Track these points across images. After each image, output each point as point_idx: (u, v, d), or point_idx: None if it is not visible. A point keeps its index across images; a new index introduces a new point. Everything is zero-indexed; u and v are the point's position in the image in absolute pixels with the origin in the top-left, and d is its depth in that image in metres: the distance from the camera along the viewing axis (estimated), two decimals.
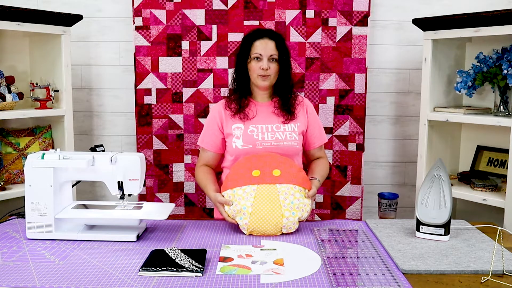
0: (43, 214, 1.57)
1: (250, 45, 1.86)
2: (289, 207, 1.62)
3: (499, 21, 2.10)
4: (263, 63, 1.83)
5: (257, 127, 1.87)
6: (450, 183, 1.58)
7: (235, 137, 1.87)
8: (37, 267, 1.35)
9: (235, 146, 1.86)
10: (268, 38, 1.86)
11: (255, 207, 1.60)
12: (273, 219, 1.59)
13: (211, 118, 1.96)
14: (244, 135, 1.86)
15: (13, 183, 2.47)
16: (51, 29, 2.37)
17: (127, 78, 2.79)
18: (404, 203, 2.84)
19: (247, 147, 1.84)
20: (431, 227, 1.57)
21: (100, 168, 1.60)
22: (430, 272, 1.33)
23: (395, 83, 2.81)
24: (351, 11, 2.62)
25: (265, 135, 1.85)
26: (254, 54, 1.84)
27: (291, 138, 1.86)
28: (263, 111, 1.91)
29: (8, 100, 2.34)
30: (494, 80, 2.30)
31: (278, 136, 1.85)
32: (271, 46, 1.84)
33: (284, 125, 1.88)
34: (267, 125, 1.87)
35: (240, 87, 1.92)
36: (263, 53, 1.83)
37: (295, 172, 1.70)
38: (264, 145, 1.83)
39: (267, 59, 1.83)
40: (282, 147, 1.84)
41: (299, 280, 1.28)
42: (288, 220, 1.60)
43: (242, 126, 1.88)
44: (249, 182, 1.65)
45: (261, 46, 1.84)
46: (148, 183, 2.74)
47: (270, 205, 1.61)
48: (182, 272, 1.31)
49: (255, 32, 1.90)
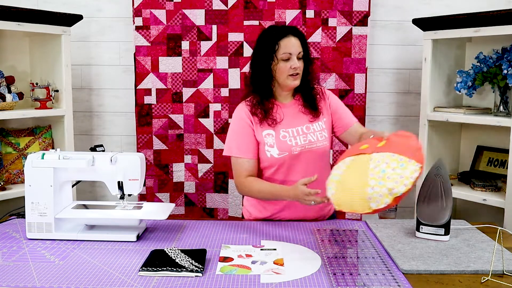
0: (43, 214, 1.57)
1: (275, 45, 1.73)
2: (377, 175, 1.34)
3: (499, 21, 2.10)
4: (294, 62, 1.72)
5: (288, 131, 1.78)
6: (450, 183, 1.58)
7: (268, 145, 1.77)
8: (37, 267, 1.35)
9: (271, 155, 1.76)
10: (292, 35, 1.74)
11: (343, 176, 1.40)
12: (357, 189, 1.34)
13: (242, 124, 1.80)
14: (278, 142, 1.76)
15: (13, 183, 2.47)
16: (51, 29, 2.37)
17: (127, 78, 2.79)
18: (404, 203, 2.84)
19: (284, 155, 1.75)
20: (431, 227, 1.57)
21: (100, 168, 1.60)
22: (430, 272, 1.33)
23: (395, 83, 2.81)
24: (351, 11, 2.62)
25: (297, 139, 1.77)
26: (282, 54, 1.72)
27: (322, 138, 1.79)
28: (289, 113, 1.82)
29: (8, 100, 2.34)
30: (494, 80, 2.30)
31: (311, 138, 1.78)
32: (297, 43, 1.74)
33: (312, 125, 1.81)
34: (297, 127, 1.79)
35: (262, 90, 1.79)
36: (292, 52, 1.72)
37: (403, 143, 1.42)
38: (299, 149, 1.76)
39: (296, 57, 1.73)
40: (316, 149, 1.78)
41: (299, 280, 1.28)
42: (374, 191, 1.31)
43: (272, 132, 1.78)
44: (351, 154, 1.46)
45: (289, 45, 1.72)
46: (148, 183, 2.74)
47: (357, 173, 1.38)
48: (182, 272, 1.31)
49: (276, 31, 1.76)
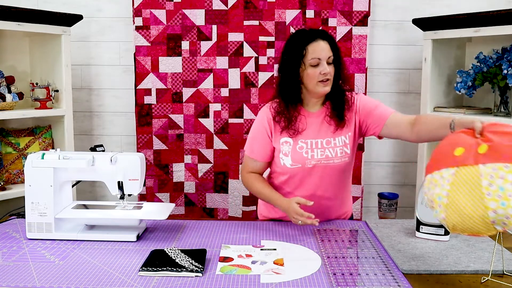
0: (43, 214, 1.57)
1: (302, 50, 1.65)
2: (495, 195, 1.16)
3: (499, 21, 2.10)
4: (323, 68, 1.64)
5: (307, 143, 1.71)
6: None
7: (283, 153, 1.73)
8: (37, 267, 1.35)
9: (283, 163, 1.73)
10: (320, 39, 1.66)
11: (452, 197, 1.21)
12: (475, 212, 1.18)
13: (260, 127, 1.78)
14: (293, 152, 1.72)
15: (13, 183, 2.47)
16: (51, 29, 2.37)
17: (127, 78, 2.79)
18: (404, 203, 2.84)
19: (296, 166, 1.72)
20: (431, 227, 1.57)
21: (100, 168, 1.60)
22: (430, 272, 1.33)
23: (395, 83, 2.81)
24: (351, 11, 2.62)
25: (314, 152, 1.71)
26: (310, 60, 1.64)
27: (341, 154, 1.72)
28: (313, 123, 1.74)
29: (8, 100, 2.34)
30: (494, 80, 2.30)
31: (328, 154, 1.71)
32: (326, 47, 1.66)
33: (334, 139, 1.72)
34: (317, 140, 1.72)
35: (289, 97, 1.72)
36: (322, 57, 1.64)
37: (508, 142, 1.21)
38: (313, 163, 1.71)
39: (326, 62, 1.65)
40: (333, 165, 1.72)
41: (299, 280, 1.28)
42: (497, 214, 1.15)
43: (291, 141, 1.72)
44: (448, 163, 1.26)
45: (318, 49, 1.64)
46: (148, 183, 2.74)
47: (469, 195, 1.19)
48: (182, 272, 1.31)
49: (304, 35, 1.68)
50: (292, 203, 1.61)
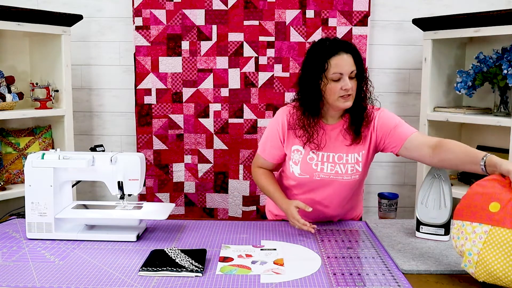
0: (43, 214, 1.57)
1: (324, 64, 1.57)
2: None
3: (499, 21, 2.10)
4: (345, 83, 1.56)
5: (318, 155, 1.66)
6: (450, 183, 1.58)
7: (292, 161, 1.70)
8: (37, 267, 1.35)
9: (292, 171, 1.70)
10: (344, 52, 1.57)
11: (483, 256, 1.21)
12: (507, 277, 1.18)
13: (274, 132, 1.74)
14: (303, 162, 1.68)
15: (13, 183, 2.47)
16: (51, 29, 2.37)
17: (127, 78, 2.79)
18: (404, 203, 2.84)
19: (304, 177, 1.68)
20: (431, 227, 1.57)
21: (100, 168, 1.60)
22: (430, 272, 1.33)
23: (395, 83, 2.81)
24: (351, 11, 2.62)
25: (324, 165, 1.66)
26: (332, 74, 1.56)
27: (352, 172, 1.66)
28: (330, 136, 1.68)
29: (8, 100, 2.34)
30: (494, 80, 2.30)
31: (338, 170, 1.66)
32: (349, 61, 1.57)
33: (347, 155, 1.66)
34: (329, 153, 1.67)
35: (309, 109, 1.65)
36: (344, 71, 1.56)
37: None
38: (322, 176, 1.66)
39: (348, 77, 1.58)
40: (341, 181, 1.67)
41: (299, 280, 1.28)
42: None
43: (302, 150, 1.68)
44: (482, 219, 1.24)
45: (341, 64, 1.56)
46: (148, 183, 2.74)
47: (502, 257, 1.19)
48: (182, 272, 1.31)
49: (327, 47, 1.59)
50: (291, 207, 1.61)
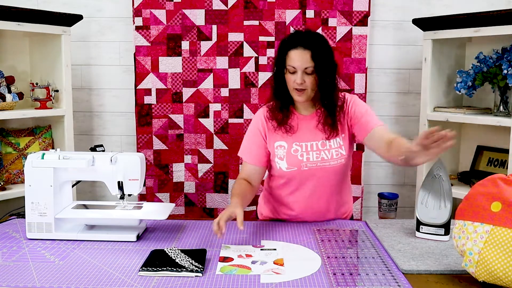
0: (43, 214, 1.57)
1: (285, 54, 1.63)
2: None
3: (499, 21, 2.10)
4: (296, 78, 1.61)
5: (301, 146, 1.70)
6: (450, 183, 1.58)
7: (278, 157, 1.72)
8: (37, 267, 1.35)
9: (279, 167, 1.72)
10: (302, 47, 1.60)
11: (484, 256, 1.21)
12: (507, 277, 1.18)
13: (255, 131, 1.77)
14: (288, 155, 1.70)
15: (13, 183, 2.47)
16: (51, 29, 2.37)
17: (127, 78, 2.79)
18: (404, 203, 2.84)
19: (292, 169, 1.70)
20: (431, 227, 1.57)
21: (100, 168, 1.60)
22: (430, 272, 1.33)
23: (395, 83, 2.81)
24: (351, 11, 2.62)
25: (310, 155, 1.69)
26: (288, 66, 1.63)
27: (337, 156, 1.69)
28: (306, 126, 1.72)
29: (8, 100, 2.34)
30: (494, 80, 2.30)
31: (324, 156, 1.69)
32: (305, 57, 1.60)
33: (329, 141, 1.70)
34: (312, 142, 1.70)
35: (281, 97, 1.71)
36: (297, 66, 1.60)
37: None
38: (309, 166, 1.69)
39: (302, 72, 1.61)
40: (329, 167, 1.69)
41: (299, 280, 1.28)
42: None
43: (285, 144, 1.71)
44: (484, 218, 1.24)
45: (295, 58, 1.60)
46: (148, 183, 2.74)
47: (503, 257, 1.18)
48: (182, 272, 1.31)
49: (290, 39, 1.65)
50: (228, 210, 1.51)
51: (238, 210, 1.50)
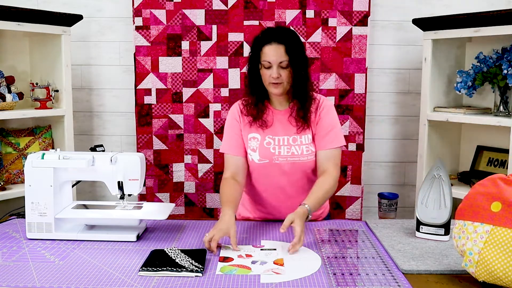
0: (43, 214, 1.57)
1: (260, 50, 1.69)
2: None
3: (499, 21, 2.10)
4: (272, 72, 1.66)
5: (274, 139, 1.75)
6: (450, 183, 1.58)
7: (250, 149, 1.76)
8: (37, 267, 1.35)
9: (252, 159, 1.76)
10: (276, 42, 1.66)
11: (484, 256, 1.21)
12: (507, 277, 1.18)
13: (231, 122, 1.81)
14: (261, 148, 1.75)
15: (13, 183, 2.47)
16: (51, 29, 2.37)
17: (127, 78, 2.79)
18: (404, 203, 2.84)
19: (264, 162, 1.74)
20: (431, 227, 1.57)
21: (100, 168, 1.60)
22: (430, 272, 1.33)
23: (395, 83, 2.81)
24: (351, 11, 2.62)
25: (281, 149, 1.74)
26: (263, 61, 1.68)
27: (307, 152, 1.74)
28: (280, 120, 1.77)
29: (8, 100, 2.34)
30: (494, 80, 2.30)
31: (294, 151, 1.73)
32: (280, 52, 1.65)
33: (301, 137, 1.75)
34: (284, 137, 1.75)
35: (256, 92, 1.76)
36: (272, 61, 1.66)
37: None
38: (280, 160, 1.73)
39: (277, 66, 1.66)
40: (299, 162, 1.74)
41: (299, 280, 1.28)
42: None
43: (258, 136, 1.76)
44: (484, 218, 1.24)
45: (270, 53, 1.66)
46: (148, 183, 2.74)
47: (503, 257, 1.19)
48: (182, 272, 1.31)
49: (264, 35, 1.71)
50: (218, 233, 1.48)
51: (232, 231, 1.49)
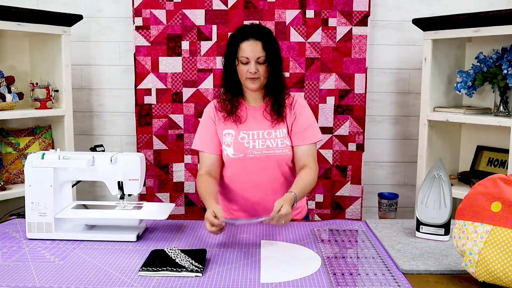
0: (43, 214, 1.57)
1: (237, 47, 1.74)
2: None
3: (499, 21, 2.10)
4: (250, 67, 1.72)
5: (248, 134, 1.79)
6: (450, 183, 1.58)
7: (225, 144, 1.80)
8: (37, 267, 1.35)
9: (226, 154, 1.79)
10: (254, 39, 1.72)
11: (484, 256, 1.21)
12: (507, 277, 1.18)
13: (206, 119, 1.86)
14: (235, 142, 1.78)
15: (13, 183, 2.47)
16: (51, 29, 2.37)
17: (127, 78, 2.79)
18: (404, 203, 2.84)
19: (238, 156, 1.77)
20: (431, 227, 1.57)
21: (100, 168, 1.60)
22: (430, 272, 1.33)
23: (395, 83, 2.81)
24: (351, 11, 2.62)
25: (256, 142, 1.78)
26: (240, 57, 1.73)
27: (282, 145, 1.78)
28: (254, 116, 1.82)
29: (8, 100, 2.34)
30: (494, 80, 2.30)
31: (269, 144, 1.77)
32: (257, 48, 1.71)
33: (275, 131, 1.79)
34: (258, 131, 1.79)
35: (231, 88, 1.81)
36: (250, 56, 1.71)
37: None
38: (255, 153, 1.77)
39: (255, 61, 1.72)
40: (274, 155, 1.77)
41: (299, 280, 1.28)
42: None
43: (233, 132, 1.80)
44: (484, 218, 1.24)
45: (247, 49, 1.71)
46: (148, 183, 2.74)
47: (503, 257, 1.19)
48: (182, 272, 1.31)
49: (240, 32, 1.77)
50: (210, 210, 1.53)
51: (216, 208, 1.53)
